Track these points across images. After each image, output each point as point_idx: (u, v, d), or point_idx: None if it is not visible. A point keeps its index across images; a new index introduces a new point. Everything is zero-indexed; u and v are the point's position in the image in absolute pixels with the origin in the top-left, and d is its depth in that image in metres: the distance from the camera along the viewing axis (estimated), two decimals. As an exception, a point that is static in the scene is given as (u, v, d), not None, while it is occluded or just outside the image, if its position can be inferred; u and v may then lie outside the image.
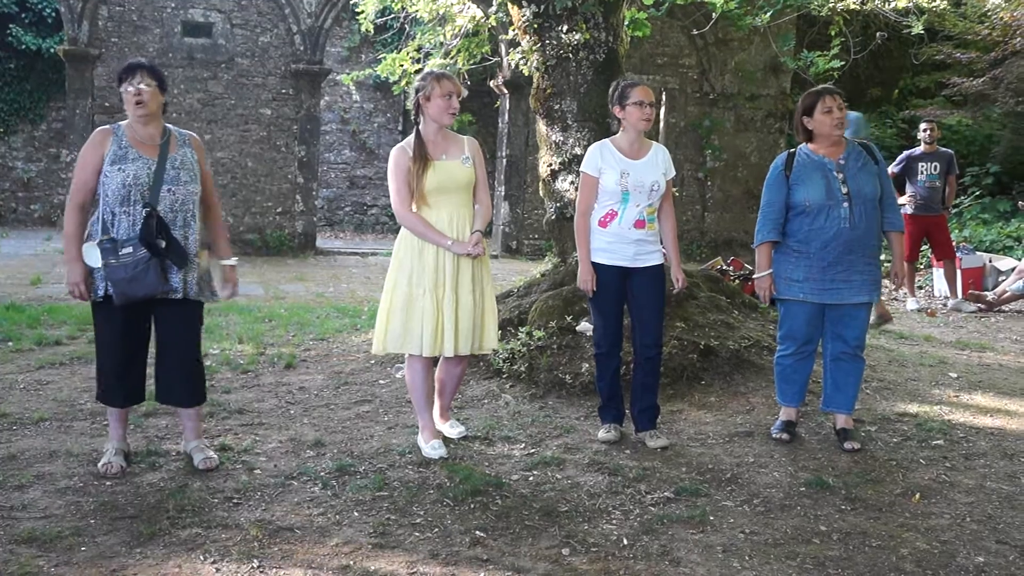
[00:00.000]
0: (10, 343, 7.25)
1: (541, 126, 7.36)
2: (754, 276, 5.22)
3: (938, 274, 11.52)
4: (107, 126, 4.58)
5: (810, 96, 5.20)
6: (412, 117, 5.01)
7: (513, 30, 7.57)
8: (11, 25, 17.47)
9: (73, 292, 4.47)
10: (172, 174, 4.44)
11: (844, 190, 5.04)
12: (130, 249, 4.31)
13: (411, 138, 4.92)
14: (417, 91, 4.91)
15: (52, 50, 16.98)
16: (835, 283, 5.08)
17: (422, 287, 4.82)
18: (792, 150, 5.30)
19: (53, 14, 17.23)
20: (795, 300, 5.17)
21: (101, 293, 4.43)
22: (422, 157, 4.82)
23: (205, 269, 4.59)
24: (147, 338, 4.60)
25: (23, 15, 17.64)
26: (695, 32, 14.28)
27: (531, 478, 4.61)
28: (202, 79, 14.81)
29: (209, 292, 4.65)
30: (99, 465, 4.52)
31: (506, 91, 15.79)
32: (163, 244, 4.36)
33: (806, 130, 5.22)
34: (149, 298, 4.40)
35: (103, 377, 4.63)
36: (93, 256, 4.39)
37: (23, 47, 17.52)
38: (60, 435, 5.08)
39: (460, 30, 10.43)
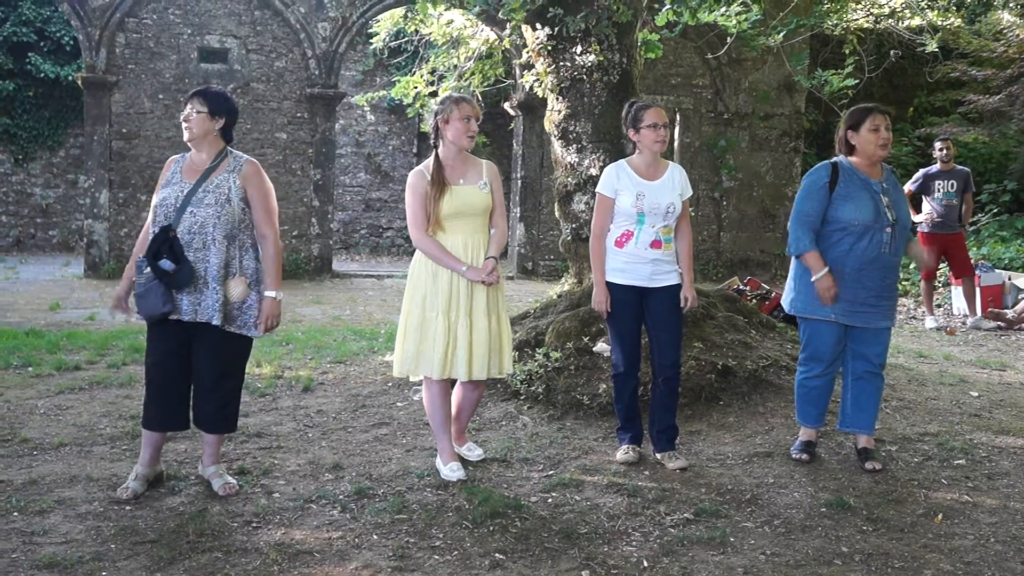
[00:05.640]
0: (30, 368, 7.28)
1: (556, 147, 7.38)
2: (814, 279, 5.00)
3: (956, 292, 11.43)
4: (179, 155, 4.75)
5: (859, 111, 5.09)
6: (431, 140, 5.00)
7: (527, 52, 7.60)
8: (30, 53, 17.66)
9: (112, 305, 4.72)
10: (199, 196, 4.46)
11: (891, 216, 4.98)
12: (149, 269, 4.41)
13: (429, 161, 4.91)
14: (436, 114, 4.92)
15: (70, 77, 17.11)
16: (864, 307, 5.03)
17: (435, 310, 4.81)
18: (833, 161, 5.15)
19: (71, 42, 17.39)
20: (825, 320, 5.09)
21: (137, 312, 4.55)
22: (440, 182, 4.81)
23: (238, 297, 4.49)
24: (185, 364, 4.56)
25: (41, 43, 17.83)
26: (710, 56, 14.31)
27: (550, 500, 4.59)
28: (218, 104, 14.90)
29: (240, 322, 4.53)
30: (119, 489, 4.54)
31: (520, 113, 15.83)
32: (171, 265, 4.37)
33: (849, 145, 5.10)
34: (160, 317, 4.42)
35: (145, 397, 4.67)
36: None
37: (41, 75, 17.70)
38: (80, 460, 5.09)
39: (474, 53, 10.48)
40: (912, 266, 12.77)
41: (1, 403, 6.24)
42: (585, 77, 7.08)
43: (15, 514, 4.25)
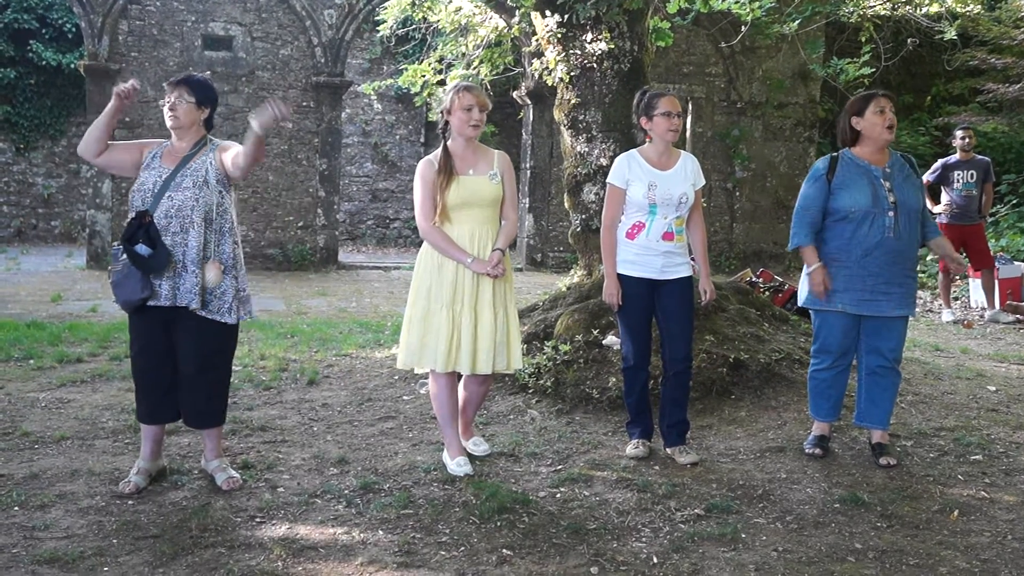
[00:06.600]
0: (31, 361, 7.25)
1: (566, 137, 7.29)
2: (807, 271, 5.06)
3: (975, 284, 11.31)
4: (157, 140, 4.71)
5: (862, 98, 5.07)
6: (439, 131, 4.95)
7: (536, 40, 7.51)
8: (31, 41, 17.60)
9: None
10: (177, 181, 4.43)
11: (891, 199, 4.94)
12: (125, 256, 4.37)
13: (439, 151, 4.87)
14: (441, 104, 4.88)
15: (72, 65, 17.08)
16: (874, 295, 4.97)
17: (440, 302, 4.77)
18: (835, 153, 5.16)
19: (73, 29, 17.34)
20: (832, 311, 5.05)
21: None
22: (447, 171, 4.77)
23: (213, 282, 4.43)
24: (168, 354, 4.52)
25: (43, 31, 17.76)
26: (723, 45, 14.18)
27: (558, 495, 4.53)
28: (222, 92, 14.79)
29: (215, 307, 4.46)
30: (121, 483, 4.49)
31: (529, 102, 15.75)
32: (147, 249, 4.32)
33: (854, 132, 5.08)
34: (138, 304, 4.36)
35: (135, 390, 4.63)
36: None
37: (43, 63, 17.64)
38: (82, 454, 5.05)
39: (482, 41, 10.38)
40: (929, 257, 12.63)
41: (2, 396, 6.22)
42: (595, 65, 6.99)
43: (16, 508, 4.22)
